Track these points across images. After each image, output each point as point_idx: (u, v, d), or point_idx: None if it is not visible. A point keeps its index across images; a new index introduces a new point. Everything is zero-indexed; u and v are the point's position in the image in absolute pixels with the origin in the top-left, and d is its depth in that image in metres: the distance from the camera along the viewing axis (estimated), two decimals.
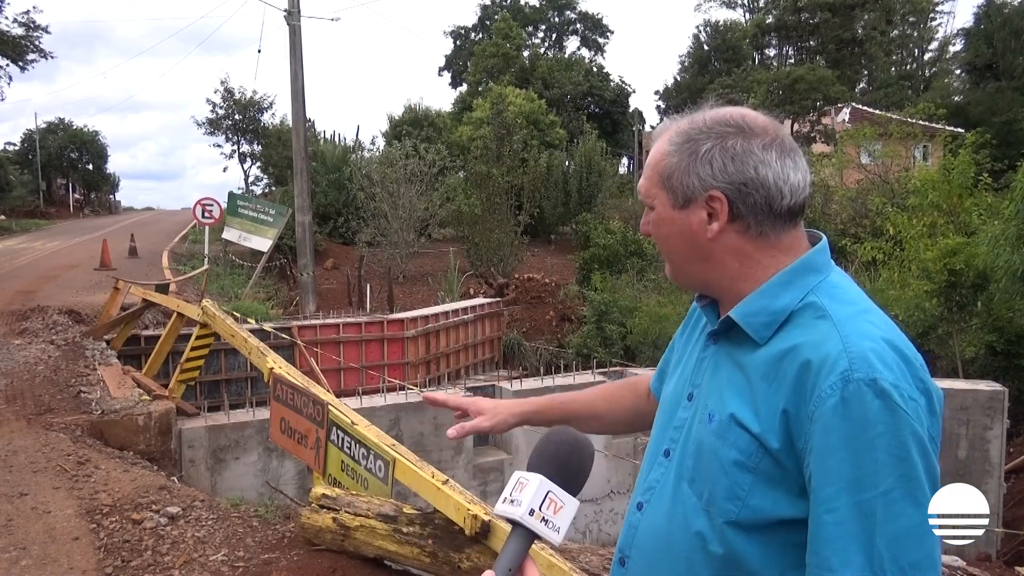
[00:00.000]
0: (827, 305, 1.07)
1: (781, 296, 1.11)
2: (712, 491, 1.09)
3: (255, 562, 3.62)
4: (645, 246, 18.63)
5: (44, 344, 7.80)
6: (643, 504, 1.21)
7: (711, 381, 1.17)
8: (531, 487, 0.96)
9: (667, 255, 1.21)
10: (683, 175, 1.13)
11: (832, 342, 1.01)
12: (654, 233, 1.20)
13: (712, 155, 1.11)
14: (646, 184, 1.19)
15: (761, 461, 1.04)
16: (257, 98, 33.90)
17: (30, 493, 4.26)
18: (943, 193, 11.07)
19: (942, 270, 8.92)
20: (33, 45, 26.99)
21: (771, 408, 1.04)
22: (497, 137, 23.67)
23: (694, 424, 1.17)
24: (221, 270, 16.74)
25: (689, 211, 1.14)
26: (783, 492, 1.04)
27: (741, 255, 1.14)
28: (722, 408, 1.11)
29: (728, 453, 1.07)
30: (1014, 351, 9.16)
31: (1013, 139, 24.91)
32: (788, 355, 1.05)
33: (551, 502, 0.95)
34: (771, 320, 1.10)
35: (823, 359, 1.00)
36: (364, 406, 6.72)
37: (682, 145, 1.14)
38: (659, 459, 1.22)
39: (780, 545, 1.05)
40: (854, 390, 0.97)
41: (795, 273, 1.12)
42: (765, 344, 1.09)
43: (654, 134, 1.25)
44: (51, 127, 49.18)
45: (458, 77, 50.50)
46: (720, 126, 1.13)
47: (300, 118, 16.83)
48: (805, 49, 43.55)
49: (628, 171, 45.34)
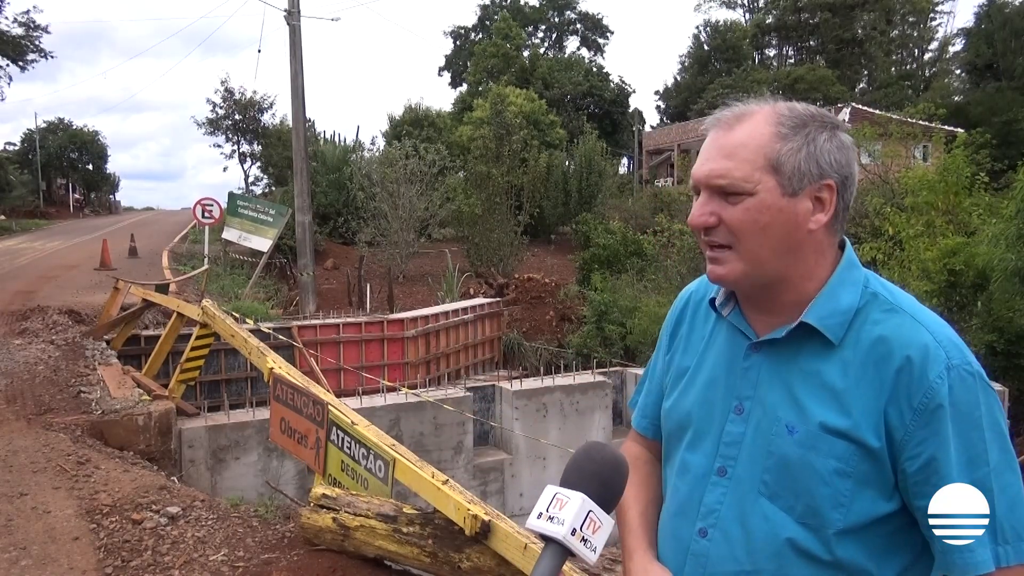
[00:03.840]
0: (891, 297, 1.11)
1: (843, 294, 1.11)
2: (810, 504, 1.07)
3: (255, 562, 3.62)
4: (645, 246, 18.62)
5: (44, 344, 7.80)
6: (707, 530, 1.15)
7: (771, 392, 1.13)
8: (573, 506, 0.92)
9: (752, 247, 1.09)
10: (802, 161, 1.07)
11: (923, 335, 1.06)
12: (746, 221, 1.08)
13: (830, 145, 1.10)
14: (744, 168, 1.07)
15: (860, 464, 1.06)
16: (257, 98, 33.84)
17: (30, 493, 4.26)
18: (938, 192, 11.06)
19: (942, 270, 8.92)
20: (33, 45, 27.01)
21: (868, 407, 1.06)
22: (497, 137, 23.67)
23: (759, 438, 1.12)
24: (221, 270, 16.74)
25: (797, 200, 1.08)
26: (878, 490, 1.07)
27: (819, 250, 1.13)
28: (804, 419, 1.08)
29: (825, 463, 1.06)
30: (1014, 351, 9.16)
31: (1013, 139, 24.91)
32: (877, 350, 1.07)
33: (591, 522, 0.93)
34: (844, 320, 1.10)
35: (924, 352, 1.04)
36: (364, 406, 6.72)
37: (797, 130, 1.09)
38: (712, 479, 1.16)
39: (879, 539, 1.08)
40: (957, 377, 1.03)
41: (847, 270, 1.14)
42: (840, 344, 1.09)
43: (722, 115, 1.13)
44: (51, 127, 49.12)
45: (458, 77, 50.50)
46: (823, 117, 1.12)
47: (300, 118, 16.82)
48: (805, 49, 43.60)
49: (628, 171, 45.35)
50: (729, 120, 1.12)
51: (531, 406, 7.89)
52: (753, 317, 1.17)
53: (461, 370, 13.71)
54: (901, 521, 1.08)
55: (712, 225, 1.10)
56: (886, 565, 1.08)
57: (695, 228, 1.12)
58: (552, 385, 8.12)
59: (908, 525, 1.09)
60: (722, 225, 1.10)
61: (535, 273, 20.31)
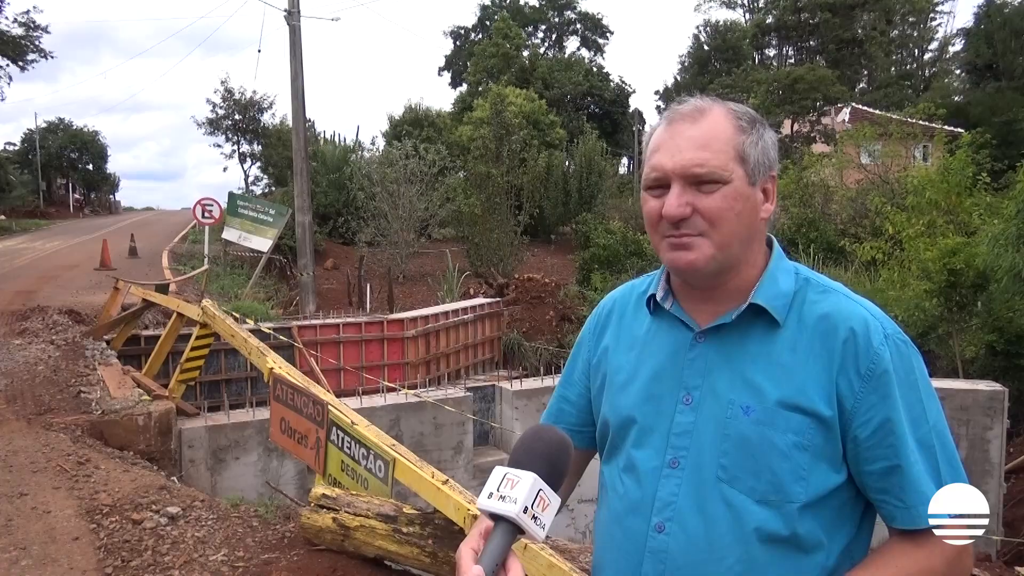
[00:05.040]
0: (823, 281, 1.20)
1: (781, 279, 1.19)
2: (772, 480, 1.10)
3: (255, 562, 3.62)
4: (645, 246, 18.61)
5: (44, 344, 7.80)
6: (664, 524, 1.14)
7: (721, 377, 1.15)
8: (524, 485, 0.95)
9: (724, 235, 1.13)
10: (759, 154, 1.15)
11: (859, 310, 1.14)
12: (723, 208, 1.12)
13: (771, 141, 1.19)
14: (720, 158, 1.12)
15: (814, 437, 1.10)
16: (257, 98, 33.85)
17: (30, 493, 4.26)
18: (941, 192, 11.06)
19: (942, 270, 8.91)
20: (33, 45, 26.98)
21: (819, 379, 1.11)
22: (497, 137, 23.64)
23: (712, 424, 1.14)
24: (221, 270, 16.74)
25: (754, 190, 1.16)
26: (829, 462, 1.11)
27: (760, 239, 1.21)
28: (760, 398, 1.12)
29: (784, 438, 1.10)
30: (1014, 351, 9.15)
31: (1013, 139, 24.88)
32: (821, 325, 1.13)
33: (541, 500, 0.95)
34: (786, 301, 1.17)
35: (865, 324, 1.12)
36: (364, 406, 6.72)
37: (753, 126, 1.17)
38: (665, 471, 1.16)
39: (831, 511, 1.12)
40: (893, 344, 1.11)
41: (780, 259, 1.22)
42: (783, 325, 1.15)
43: (681, 110, 1.18)
44: (51, 127, 49.13)
45: (458, 77, 50.46)
46: (759, 116, 1.20)
47: (300, 118, 16.82)
48: (805, 49, 43.58)
49: (628, 171, 45.35)
50: (691, 114, 1.16)
51: (531, 406, 7.89)
52: (693, 308, 1.22)
53: (461, 370, 13.70)
54: (847, 494, 1.13)
55: (687, 216, 1.13)
56: (836, 537, 1.12)
57: (672, 219, 1.13)
58: (552, 385, 8.09)
59: (852, 498, 1.14)
60: (696, 215, 1.13)
61: (535, 273, 20.29)
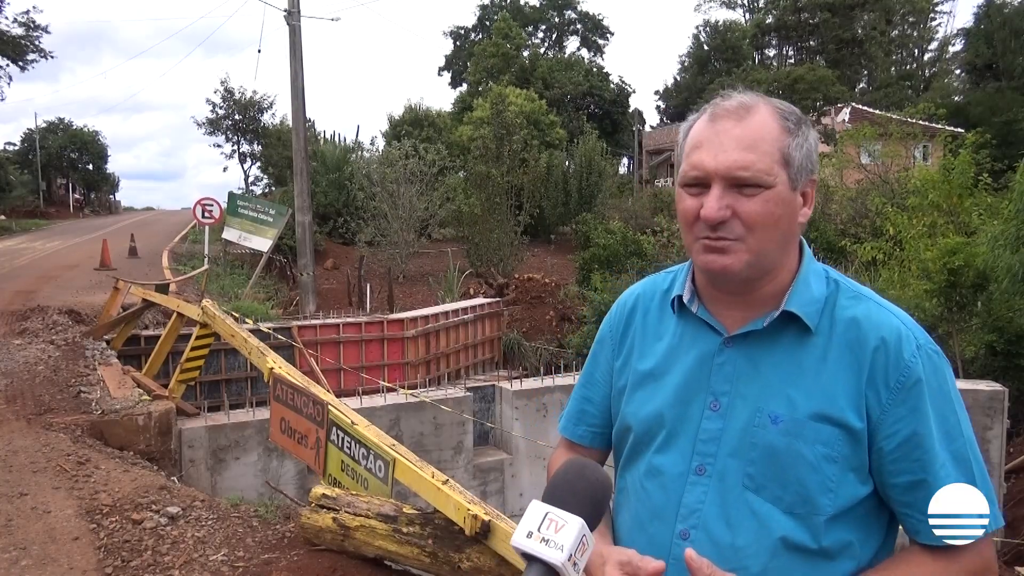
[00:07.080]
0: (853, 286, 1.16)
1: (814, 284, 1.15)
2: (800, 492, 1.08)
3: (255, 562, 3.61)
4: (645, 246, 18.62)
5: (44, 344, 7.79)
6: (689, 531, 1.12)
7: (750, 385, 1.12)
8: (571, 531, 0.88)
9: (762, 240, 1.08)
10: (803, 158, 1.10)
11: (891, 319, 1.10)
12: (763, 214, 1.07)
13: (815, 143, 1.14)
14: (765, 161, 1.06)
15: (843, 448, 1.08)
16: (257, 98, 33.92)
17: (30, 493, 4.25)
18: (943, 193, 11.06)
19: (942, 270, 8.90)
20: (33, 45, 26.99)
21: (848, 389, 1.08)
22: (497, 137, 23.64)
23: (739, 432, 1.11)
24: (221, 270, 16.74)
25: (795, 194, 1.11)
26: (857, 473, 1.09)
27: (796, 243, 1.17)
28: (789, 408, 1.09)
29: (813, 449, 1.08)
30: (1014, 351, 9.15)
31: (1013, 139, 24.89)
32: (851, 332, 1.10)
33: (583, 545, 0.89)
34: (819, 307, 1.13)
35: (896, 334, 1.08)
36: (364, 406, 6.71)
37: (799, 127, 1.11)
38: (691, 478, 1.13)
39: (859, 521, 1.11)
40: (926, 356, 1.08)
41: (811, 262, 1.17)
42: (815, 331, 1.12)
43: (725, 105, 1.11)
44: (51, 127, 49.17)
45: (458, 77, 50.47)
46: (802, 114, 1.14)
47: (300, 118, 16.82)
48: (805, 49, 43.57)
49: (628, 171, 45.34)
50: (737, 110, 1.09)
51: (531, 406, 7.88)
52: (720, 311, 1.17)
53: (461, 370, 13.70)
54: (872, 503, 1.12)
55: (726, 219, 1.07)
56: (863, 546, 1.11)
57: (710, 222, 1.07)
58: (552, 385, 8.11)
59: (878, 506, 1.13)
60: (734, 219, 1.07)
61: (535, 273, 20.29)
